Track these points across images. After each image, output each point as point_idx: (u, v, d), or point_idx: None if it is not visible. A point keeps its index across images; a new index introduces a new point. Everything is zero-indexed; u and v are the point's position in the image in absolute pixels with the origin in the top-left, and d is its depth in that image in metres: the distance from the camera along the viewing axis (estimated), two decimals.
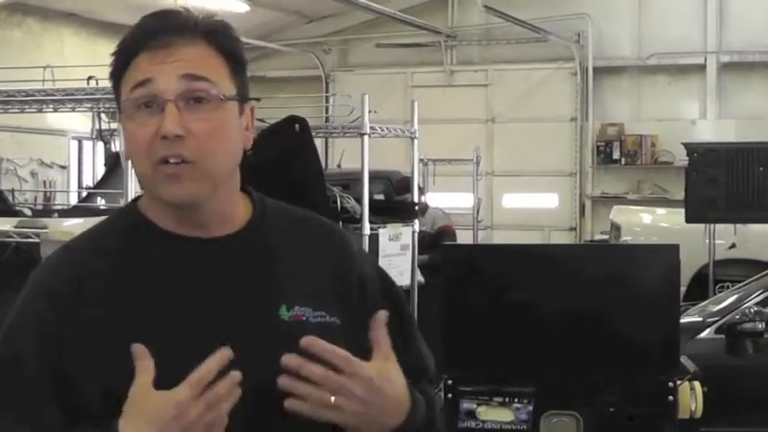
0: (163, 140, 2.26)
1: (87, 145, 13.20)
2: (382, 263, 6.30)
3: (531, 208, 19.07)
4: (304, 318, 2.40)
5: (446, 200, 14.02)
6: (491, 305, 5.40)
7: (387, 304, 2.51)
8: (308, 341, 2.23)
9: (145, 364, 2.15)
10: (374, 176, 6.43)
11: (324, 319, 2.42)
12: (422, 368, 2.62)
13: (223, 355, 2.17)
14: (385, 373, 2.33)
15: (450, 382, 5.37)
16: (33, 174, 15.54)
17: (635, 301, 5.30)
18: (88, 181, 13.56)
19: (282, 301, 2.40)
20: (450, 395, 5.35)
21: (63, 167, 14.85)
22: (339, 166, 11.00)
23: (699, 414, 5.41)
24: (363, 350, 2.39)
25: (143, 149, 2.29)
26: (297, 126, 5.69)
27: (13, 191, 12.42)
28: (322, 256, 2.53)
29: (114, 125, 9.69)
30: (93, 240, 2.44)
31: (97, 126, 8.36)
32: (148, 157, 2.29)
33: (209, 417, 2.16)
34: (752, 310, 7.30)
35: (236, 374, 2.18)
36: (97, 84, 8.28)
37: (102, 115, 8.31)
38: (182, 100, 2.28)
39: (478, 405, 5.32)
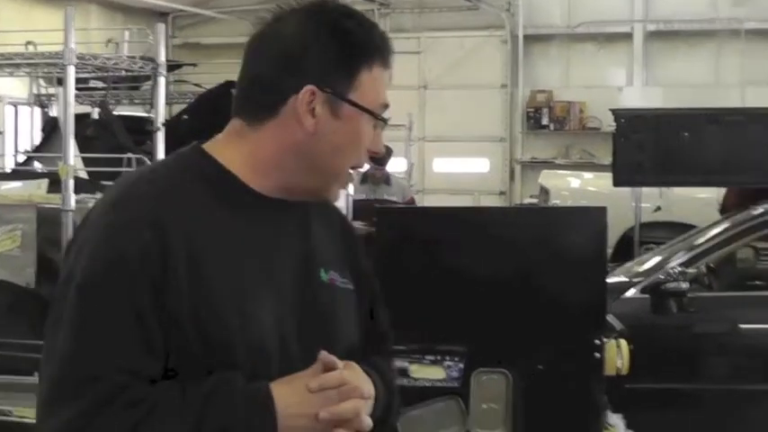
0: (366, 155, 2.39)
1: (23, 110, 13.03)
2: None
3: (462, 173, 19.12)
4: (336, 282, 2.48)
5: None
6: (423, 267, 5.43)
7: (369, 268, 2.64)
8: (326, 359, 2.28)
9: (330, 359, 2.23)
10: None
11: (346, 285, 2.51)
12: (386, 333, 2.69)
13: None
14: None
15: None
16: None
17: (563, 263, 5.34)
18: (26, 146, 13.43)
19: (321, 265, 2.46)
20: None
21: None
22: None
23: (625, 371, 5.47)
24: (363, 315, 2.56)
25: (362, 151, 2.38)
26: (233, 91, 5.68)
27: None
28: (333, 222, 2.60)
29: (52, 90, 9.63)
30: (176, 181, 2.36)
31: (35, 91, 8.25)
32: (358, 160, 2.39)
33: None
34: (675, 271, 7.37)
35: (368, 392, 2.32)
36: (36, 49, 8.22)
37: (41, 80, 8.22)
38: None
39: (411, 363, 5.35)
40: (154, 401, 2.14)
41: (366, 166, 4.23)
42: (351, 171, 2.41)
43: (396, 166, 13.45)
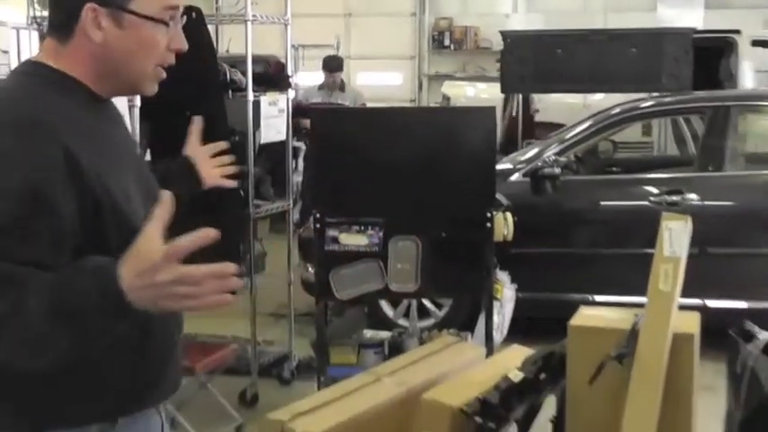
0: (169, 51, 2.34)
1: (24, 34, 12.73)
2: (264, 123, 6.34)
3: (381, 85, 18.91)
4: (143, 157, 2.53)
5: (313, 78, 13.88)
6: (349, 156, 5.43)
7: None
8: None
9: (163, 213, 2.01)
10: (255, 59, 6.38)
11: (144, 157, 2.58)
12: None
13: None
14: None
15: (318, 215, 5.42)
16: None
17: (462, 152, 5.37)
18: None
19: (133, 141, 2.63)
20: (318, 225, 5.42)
21: (5, 52, 14.35)
22: (227, 51, 10.82)
23: (510, 237, 5.53)
24: None
25: (158, 52, 2.32)
26: (193, 14, 5.64)
27: None
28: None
29: (46, 12, 9.42)
30: (45, 93, 2.27)
31: (32, 14, 8.12)
32: (157, 59, 2.34)
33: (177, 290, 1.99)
34: (550, 159, 7.44)
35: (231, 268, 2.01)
36: None
37: (36, 3, 8.05)
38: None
39: (340, 232, 5.38)
40: (29, 279, 2.01)
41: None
42: (160, 67, 2.35)
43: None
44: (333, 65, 12.29)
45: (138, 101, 5.19)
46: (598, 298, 6.62)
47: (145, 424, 2.43)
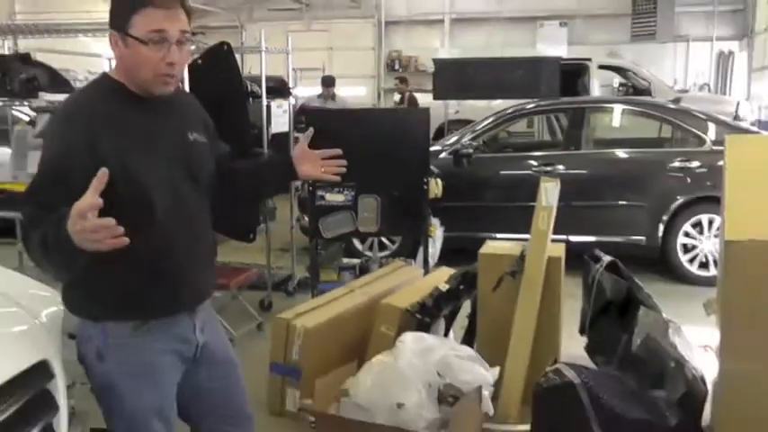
0: (168, 65, 2.21)
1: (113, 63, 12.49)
2: (273, 120, 6.27)
3: (351, 95, 18.21)
4: (198, 140, 2.40)
5: (307, 92, 13.66)
6: (332, 141, 5.36)
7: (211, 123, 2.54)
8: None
9: (98, 184, 1.93)
10: (267, 78, 6.30)
11: (203, 140, 2.43)
12: (226, 151, 2.61)
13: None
14: None
15: (310, 181, 5.37)
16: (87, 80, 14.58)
17: (407, 138, 5.29)
18: None
19: (188, 130, 2.39)
20: (310, 188, 5.37)
21: None
22: (249, 71, 10.64)
23: (440, 195, 5.52)
24: (214, 153, 2.49)
25: (151, 64, 2.20)
26: (225, 47, 5.54)
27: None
28: (189, 102, 2.50)
29: None
30: (93, 95, 2.26)
31: None
32: (152, 69, 2.20)
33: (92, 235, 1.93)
34: (466, 143, 7.41)
35: (115, 227, 1.93)
36: None
37: None
38: (177, 43, 2.22)
39: (326, 192, 5.34)
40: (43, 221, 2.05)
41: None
42: (161, 75, 2.22)
43: (315, 91, 13.21)
44: (328, 81, 12.26)
45: None
46: (498, 235, 6.57)
47: (175, 325, 2.34)
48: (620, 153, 7.33)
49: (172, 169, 2.28)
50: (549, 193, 4.22)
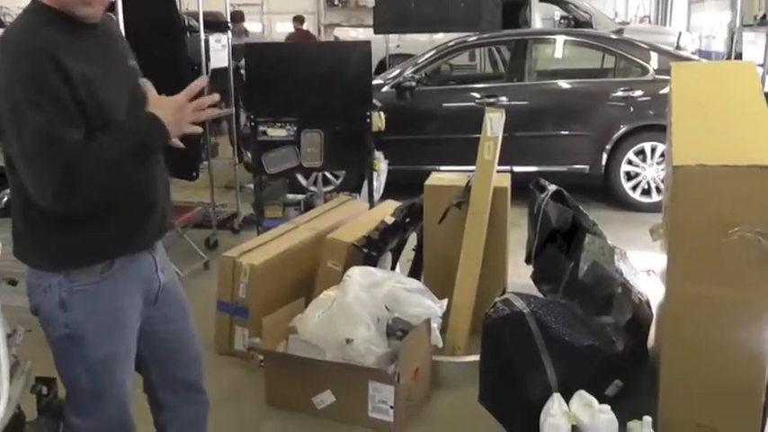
0: None
1: None
2: (212, 54, 6.04)
3: (291, 30, 18.41)
4: (134, 66, 2.28)
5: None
6: (274, 74, 5.24)
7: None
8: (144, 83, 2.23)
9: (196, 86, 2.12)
10: (205, 14, 6.07)
11: (135, 66, 2.29)
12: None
13: (203, 80, 2.17)
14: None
15: (252, 117, 5.25)
16: None
17: (349, 72, 5.20)
18: None
19: (127, 56, 2.26)
20: (252, 123, 5.23)
21: None
22: (187, 8, 10.28)
23: (383, 128, 5.43)
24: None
25: None
26: None
27: None
28: (115, 31, 2.32)
29: None
30: (39, 25, 2.04)
31: None
32: None
33: (195, 115, 2.11)
34: (408, 76, 7.29)
35: (215, 96, 2.18)
36: None
37: None
38: None
39: (268, 128, 5.21)
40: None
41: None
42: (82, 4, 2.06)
43: (253, 27, 12.82)
44: (237, 17, 11.89)
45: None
46: (442, 168, 6.49)
47: (138, 263, 2.21)
48: (564, 84, 7.27)
49: (128, 96, 2.16)
50: (494, 123, 4.13)
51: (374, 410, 3.24)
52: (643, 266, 4.46)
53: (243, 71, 5.93)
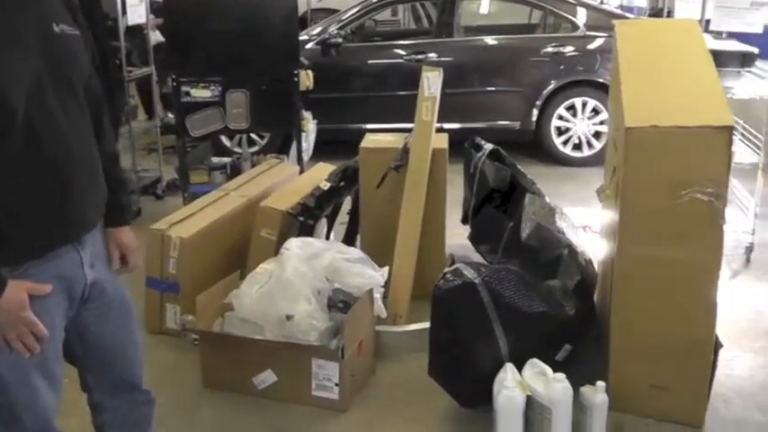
0: None
1: None
2: (129, 10, 5.68)
3: None
4: (66, 31, 1.87)
5: None
6: (195, 32, 4.95)
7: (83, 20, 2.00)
8: None
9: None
10: None
11: (74, 32, 1.89)
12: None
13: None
14: None
15: (174, 76, 4.97)
16: None
17: (274, 28, 4.97)
18: None
19: (53, 20, 1.85)
20: (175, 84, 4.95)
21: None
22: None
23: (311, 87, 5.25)
24: (90, 52, 1.98)
25: None
26: None
27: None
28: None
29: None
30: None
31: None
32: None
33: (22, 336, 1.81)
34: (333, 32, 7.04)
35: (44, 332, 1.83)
36: None
37: None
38: None
39: (191, 88, 4.95)
40: None
41: None
42: None
43: None
44: None
45: None
46: (369, 126, 6.32)
47: (58, 263, 1.88)
48: (494, 40, 7.12)
49: (38, 69, 1.78)
50: (432, 82, 3.95)
51: (318, 388, 3.07)
52: (579, 222, 4.38)
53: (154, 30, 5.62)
